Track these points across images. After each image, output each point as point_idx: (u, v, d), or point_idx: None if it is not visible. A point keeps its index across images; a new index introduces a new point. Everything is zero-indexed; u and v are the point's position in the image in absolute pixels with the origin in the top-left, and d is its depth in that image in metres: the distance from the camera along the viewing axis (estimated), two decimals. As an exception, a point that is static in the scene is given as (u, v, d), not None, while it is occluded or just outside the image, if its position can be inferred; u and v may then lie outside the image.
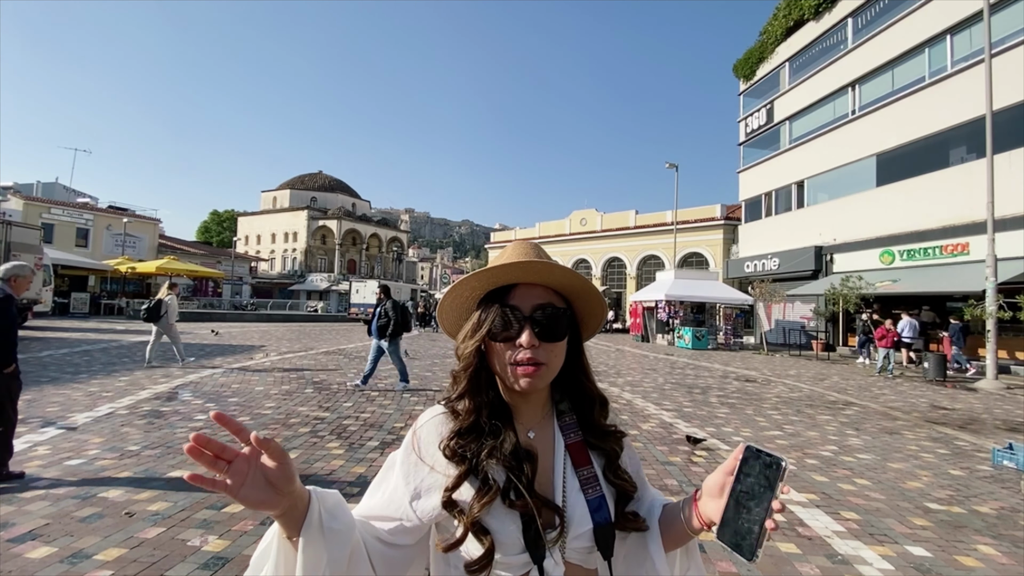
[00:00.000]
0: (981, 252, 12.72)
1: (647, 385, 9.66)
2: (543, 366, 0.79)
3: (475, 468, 0.78)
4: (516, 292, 0.83)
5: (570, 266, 13.84)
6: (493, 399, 0.84)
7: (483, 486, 0.77)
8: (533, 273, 0.82)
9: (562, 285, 0.85)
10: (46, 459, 4.15)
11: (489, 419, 0.83)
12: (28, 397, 6.31)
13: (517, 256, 0.84)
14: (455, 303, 0.90)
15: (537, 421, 0.87)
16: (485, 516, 0.76)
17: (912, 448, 5.71)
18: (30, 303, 14.61)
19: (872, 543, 3.24)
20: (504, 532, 0.76)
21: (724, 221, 31.10)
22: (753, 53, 26.08)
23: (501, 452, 0.78)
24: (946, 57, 16.23)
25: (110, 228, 33.36)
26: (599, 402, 0.90)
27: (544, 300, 0.82)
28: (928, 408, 8.41)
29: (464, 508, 0.77)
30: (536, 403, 0.87)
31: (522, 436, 0.84)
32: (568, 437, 0.86)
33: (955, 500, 4.11)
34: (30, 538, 2.84)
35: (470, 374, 0.84)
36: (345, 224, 53.21)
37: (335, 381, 8.54)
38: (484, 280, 0.84)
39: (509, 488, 0.77)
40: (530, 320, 0.80)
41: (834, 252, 19.85)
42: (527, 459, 0.80)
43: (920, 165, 16.86)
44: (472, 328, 0.84)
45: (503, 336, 0.80)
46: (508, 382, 0.82)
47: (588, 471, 0.83)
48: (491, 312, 0.82)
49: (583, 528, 0.79)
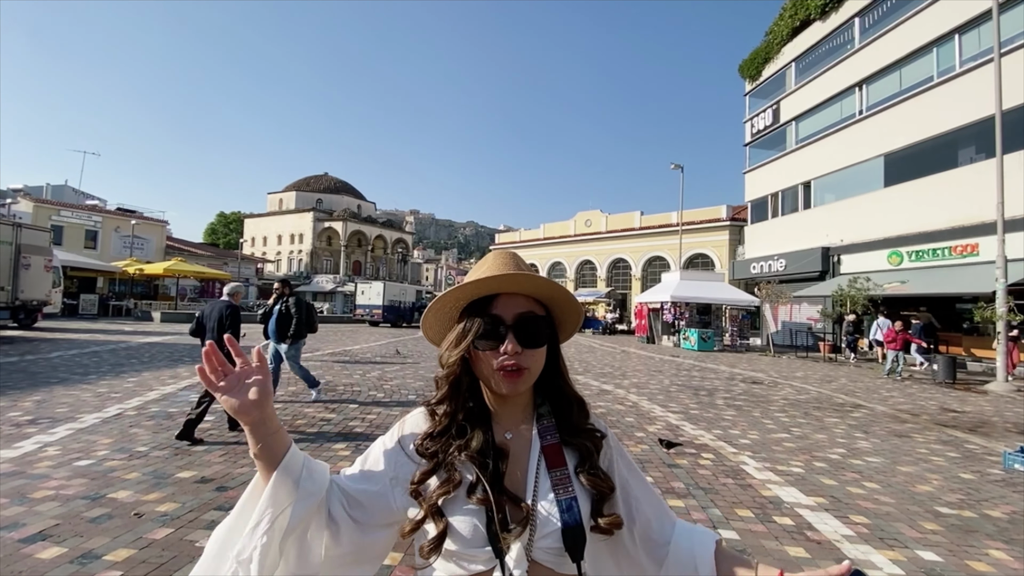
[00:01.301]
0: (991, 253, 12.59)
1: (653, 387, 9.63)
2: (526, 371, 0.84)
3: (443, 464, 0.83)
4: (498, 302, 0.87)
5: (575, 267, 13.92)
6: (474, 404, 0.89)
7: (447, 479, 0.81)
8: (515, 284, 0.87)
9: (541, 294, 0.89)
10: (56, 460, 4.18)
11: (465, 419, 0.87)
12: (38, 398, 6.38)
13: (498, 268, 0.88)
14: (439, 314, 0.93)
15: (516, 423, 0.90)
16: (448, 506, 0.81)
17: (922, 451, 5.66)
18: (40, 304, 14.76)
19: (882, 547, 3.21)
20: (466, 523, 0.79)
21: (730, 222, 30.99)
22: (759, 53, 25.98)
23: (469, 448, 0.83)
24: (954, 57, 16.10)
25: (118, 230, 33.66)
26: (576, 404, 0.92)
27: (525, 309, 0.86)
28: (938, 411, 8.33)
29: (427, 496, 0.81)
30: (517, 406, 0.91)
31: (499, 437, 0.88)
32: (544, 439, 0.88)
33: (966, 504, 4.06)
34: (40, 538, 2.87)
35: (451, 381, 0.88)
36: (350, 226, 53.43)
37: (341, 383, 8.57)
38: (468, 292, 0.88)
39: (476, 484, 0.81)
40: (512, 328, 0.84)
41: (841, 253, 19.72)
42: (498, 458, 0.83)
43: (928, 165, 16.72)
44: (457, 337, 0.88)
45: (487, 344, 0.84)
46: (492, 387, 0.86)
47: (562, 472, 0.84)
48: (475, 322, 0.86)
49: (551, 528, 0.80)
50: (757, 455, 5.21)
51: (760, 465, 4.86)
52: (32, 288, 14.18)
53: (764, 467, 4.81)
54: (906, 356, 12.90)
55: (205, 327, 5.53)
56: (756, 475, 4.55)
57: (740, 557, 0.88)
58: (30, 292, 14.11)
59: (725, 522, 3.50)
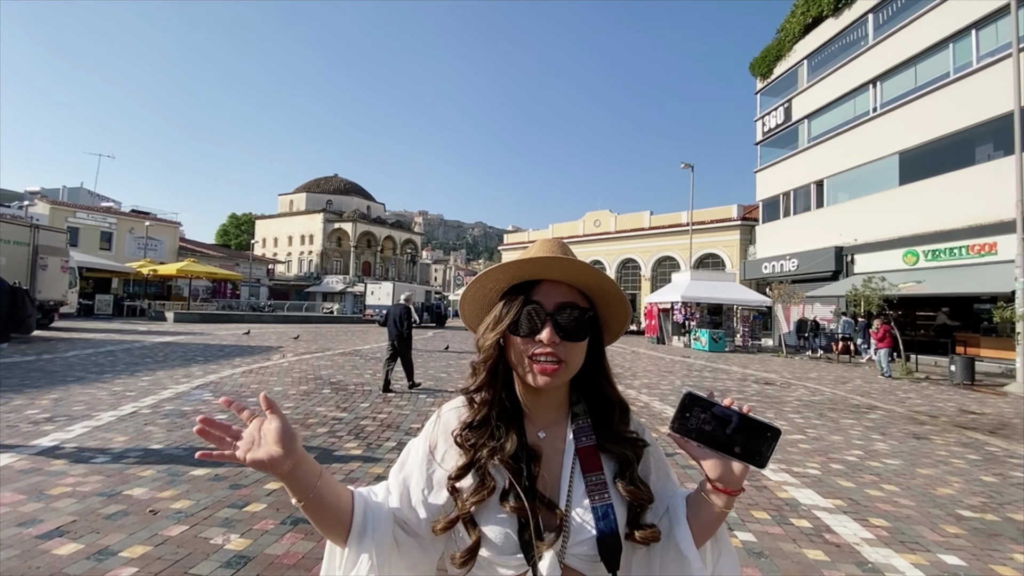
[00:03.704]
0: (1010, 252, 12.36)
1: (664, 387, 9.55)
2: (562, 364, 0.79)
3: (477, 463, 0.80)
4: (540, 288, 0.83)
5: (586, 267, 13.72)
6: (507, 396, 0.85)
7: (481, 485, 0.78)
8: (559, 270, 0.82)
9: (587, 285, 0.84)
10: (73, 457, 4.23)
11: (499, 417, 0.83)
12: (55, 396, 6.47)
13: (544, 252, 0.83)
14: (477, 295, 0.90)
15: (550, 422, 0.87)
16: (481, 514, 0.78)
17: (941, 453, 5.55)
18: (57, 304, 15.00)
19: (903, 551, 3.14)
20: (498, 532, 0.77)
21: (741, 222, 30.69)
22: (770, 51, 25.73)
23: (503, 453, 0.80)
24: (971, 52, 15.80)
25: (132, 231, 34.16)
26: (619, 408, 0.87)
27: (568, 299, 0.82)
28: (956, 412, 8.18)
29: (463, 495, 0.79)
30: (551, 403, 0.86)
31: (532, 436, 0.84)
32: (580, 441, 0.84)
33: (988, 507, 3.97)
34: (57, 535, 2.89)
35: (489, 366, 0.84)
36: (360, 227, 53.73)
37: (352, 382, 8.60)
38: (509, 273, 0.84)
39: (509, 491, 0.78)
40: (552, 317, 0.80)
41: (855, 253, 19.44)
42: (531, 460, 0.80)
43: (945, 163, 16.42)
44: (494, 320, 0.84)
45: (524, 331, 0.80)
46: (525, 377, 0.82)
47: (597, 477, 0.81)
48: (513, 306, 0.82)
49: (585, 535, 0.77)
50: (772, 456, 5.13)
51: (775, 467, 4.79)
52: (49, 288, 14.41)
53: (780, 469, 4.74)
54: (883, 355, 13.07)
55: (388, 320, 7.98)
56: (772, 477, 4.48)
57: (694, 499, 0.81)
58: (47, 292, 14.34)
59: (741, 524, 3.45)
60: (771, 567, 2.87)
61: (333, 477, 0.78)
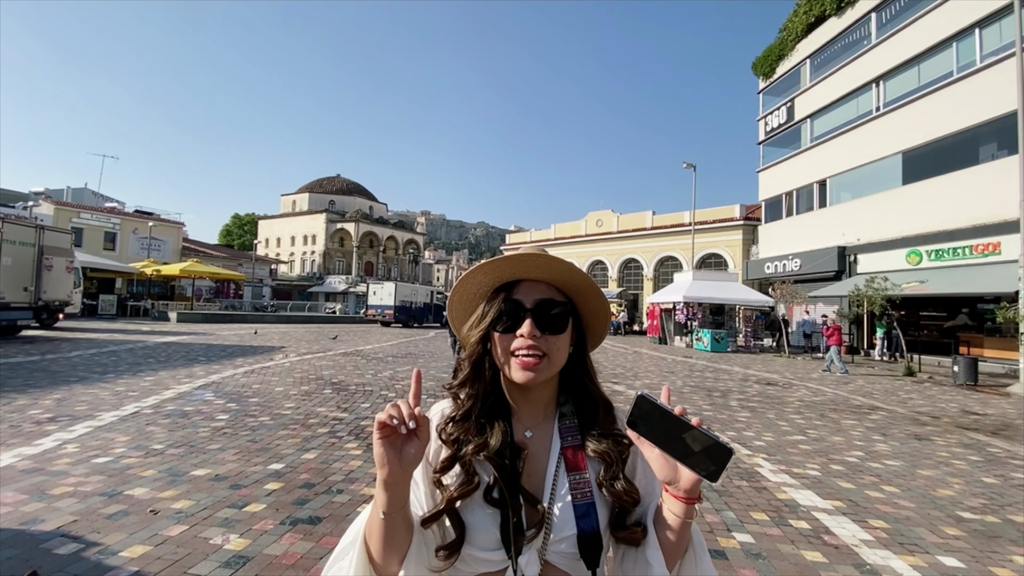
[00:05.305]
0: (1013, 252, 12.30)
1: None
2: (544, 358, 0.82)
3: (462, 458, 0.81)
4: (520, 287, 0.87)
5: (586, 268, 13.82)
6: (493, 394, 0.87)
7: (466, 479, 0.80)
8: (535, 268, 0.86)
9: (563, 281, 0.88)
10: (74, 457, 4.25)
11: (484, 414, 0.86)
12: (58, 396, 6.50)
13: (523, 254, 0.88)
14: (463, 298, 0.93)
15: (538, 421, 0.89)
16: (465, 508, 0.80)
17: (943, 454, 5.53)
18: (61, 305, 15.07)
19: (902, 552, 3.14)
20: (481, 526, 0.79)
21: (743, 221, 30.62)
22: (773, 50, 25.68)
23: (488, 449, 0.81)
24: (975, 51, 15.74)
25: (136, 232, 34.31)
26: (603, 406, 0.90)
27: (546, 295, 0.86)
28: (959, 413, 8.15)
29: (448, 489, 0.80)
30: (537, 402, 0.89)
31: (519, 434, 0.86)
32: (565, 440, 0.86)
33: (989, 509, 3.95)
34: (59, 534, 2.91)
35: (473, 362, 0.87)
36: (362, 227, 53.84)
37: (353, 383, 8.62)
38: (489, 274, 0.88)
39: (493, 486, 0.79)
40: (531, 312, 0.83)
41: (858, 252, 19.39)
42: (515, 457, 0.82)
43: (948, 162, 16.37)
44: (477, 318, 0.89)
45: (505, 326, 0.84)
46: (508, 374, 0.85)
47: (581, 476, 0.82)
48: (495, 304, 0.86)
49: (566, 533, 0.78)
50: (772, 457, 5.13)
51: (775, 467, 4.78)
52: (54, 289, 14.47)
53: (779, 470, 4.73)
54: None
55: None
56: (771, 478, 4.48)
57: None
58: (52, 293, 14.40)
59: (740, 525, 3.45)
60: (769, 569, 2.87)
61: None
